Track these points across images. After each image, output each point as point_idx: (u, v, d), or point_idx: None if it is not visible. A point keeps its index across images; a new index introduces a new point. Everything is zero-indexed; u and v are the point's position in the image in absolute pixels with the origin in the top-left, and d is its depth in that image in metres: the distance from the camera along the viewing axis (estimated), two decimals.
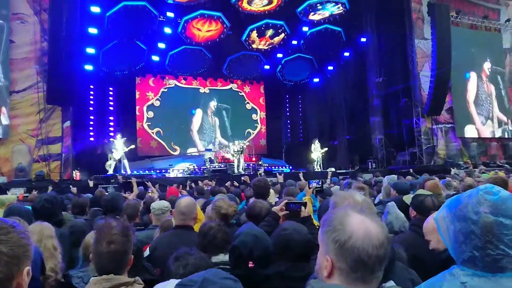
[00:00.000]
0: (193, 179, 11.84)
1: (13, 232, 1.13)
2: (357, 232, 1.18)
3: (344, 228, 1.20)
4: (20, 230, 1.15)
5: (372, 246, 1.16)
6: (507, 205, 1.15)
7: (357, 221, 1.21)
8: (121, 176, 12.43)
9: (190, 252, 1.94)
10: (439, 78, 16.44)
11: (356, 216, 1.23)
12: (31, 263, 1.18)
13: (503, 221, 1.12)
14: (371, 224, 1.21)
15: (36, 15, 13.09)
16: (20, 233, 1.14)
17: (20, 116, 13.02)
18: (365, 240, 1.16)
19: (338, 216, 1.24)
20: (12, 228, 1.13)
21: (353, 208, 1.29)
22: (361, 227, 1.19)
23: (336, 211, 1.28)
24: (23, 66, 13.06)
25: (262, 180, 4.02)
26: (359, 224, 1.20)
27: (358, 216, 1.23)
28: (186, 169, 16.68)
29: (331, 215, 1.26)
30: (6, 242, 1.10)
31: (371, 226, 1.20)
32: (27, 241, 1.16)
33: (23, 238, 1.14)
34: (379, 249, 1.16)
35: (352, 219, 1.21)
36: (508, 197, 1.17)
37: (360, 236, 1.17)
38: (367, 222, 1.21)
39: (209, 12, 15.73)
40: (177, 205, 3.10)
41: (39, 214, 3.34)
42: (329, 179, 8.98)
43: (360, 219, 1.21)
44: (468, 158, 17.47)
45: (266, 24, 16.98)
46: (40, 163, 13.06)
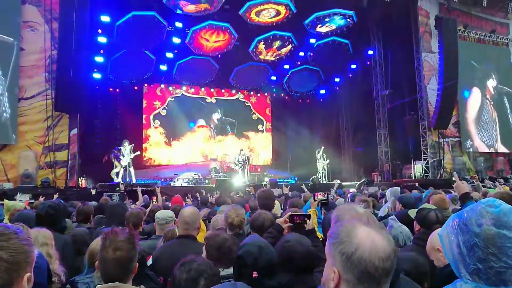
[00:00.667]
0: (197, 189, 11.85)
1: (14, 238, 1.14)
2: (363, 244, 1.18)
3: (351, 240, 1.20)
4: (22, 237, 1.16)
5: (379, 258, 1.16)
6: (509, 218, 1.17)
7: (364, 233, 1.21)
8: (123, 184, 12.47)
9: (195, 258, 1.94)
10: (446, 92, 16.39)
11: (363, 228, 1.23)
12: (31, 269, 1.18)
13: (506, 234, 1.14)
14: (378, 236, 1.21)
15: (47, 24, 13.26)
16: (22, 239, 1.15)
17: (28, 122, 13.12)
18: (371, 252, 1.16)
19: (345, 228, 1.25)
20: (14, 234, 1.14)
21: (360, 220, 1.29)
22: (368, 240, 1.19)
23: (343, 223, 1.29)
24: (32, 73, 13.20)
25: (267, 191, 4.02)
26: (366, 237, 1.20)
27: (365, 228, 1.23)
28: (191, 179, 16.69)
29: (338, 228, 1.27)
30: (7, 248, 1.11)
31: (377, 239, 1.20)
32: (29, 247, 1.17)
33: (25, 244, 1.15)
34: (385, 262, 1.16)
35: (358, 232, 1.22)
36: (509, 210, 1.19)
37: (366, 248, 1.17)
38: (373, 235, 1.21)
39: (217, 23, 15.87)
40: (180, 214, 3.10)
41: (43, 220, 3.35)
42: (334, 191, 8.94)
43: (367, 232, 1.21)
44: (475, 173, 17.34)
45: (273, 35, 17.09)
46: (46, 169, 13.12)
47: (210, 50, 17.13)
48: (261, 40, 17.37)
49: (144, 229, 4.47)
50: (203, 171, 17.70)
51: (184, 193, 10.40)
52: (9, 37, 12.81)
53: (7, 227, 1.17)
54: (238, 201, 6.63)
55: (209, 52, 17.25)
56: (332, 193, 8.61)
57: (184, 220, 3.04)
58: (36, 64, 13.25)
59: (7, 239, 1.12)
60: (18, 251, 1.13)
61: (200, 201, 7.63)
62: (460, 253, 1.21)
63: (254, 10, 15.29)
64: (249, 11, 15.32)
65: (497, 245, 1.14)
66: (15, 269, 1.11)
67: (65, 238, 3.47)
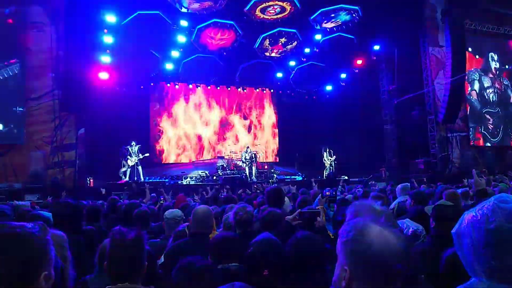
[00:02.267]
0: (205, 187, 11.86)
1: (32, 236, 1.15)
2: (376, 242, 1.16)
3: (363, 238, 1.18)
4: (39, 236, 1.17)
5: (391, 256, 1.15)
6: None
7: (376, 231, 1.19)
8: (134, 183, 12.55)
9: (194, 260, 1.92)
10: (454, 86, 16.24)
11: (374, 227, 1.21)
12: (51, 268, 1.19)
13: None
14: (390, 234, 1.19)
15: (53, 24, 13.33)
16: (39, 238, 1.16)
17: (36, 123, 13.21)
18: (384, 250, 1.15)
19: (357, 226, 1.23)
20: (31, 233, 1.15)
21: (373, 218, 1.28)
22: (380, 238, 1.17)
23: (355, 221, 1.27)
24: (39, 73, 13.28)
25: (276, 188, 4.00)
26: (378, 235, 1.18)
27: (377, 227, 1.21)
28: (198, 177, 16.73)
29: (350, 226, 1.25)
30: (24, 246, 1.12)
31: (390, 237, 1.18)
32: (46, 246, 1.18)
33: (43, 243, 1.16)
34: (398, 260, 1.15)
35: (371, 230, 1.20)
36: None
37: (379, 246, 1.15)
38: (386, 233, 1.19)
39: (222, 21, 15.84)
40: (194, 213, 3.11)
41: (60, 220, 3.36)
42: (341, 187, 8.90)
43: (379, 230, 1.20)
44: (484, 167, 17.19)
45: (278, 32, 17.02)
46: (54, 169, 13.22)
47: (216, 48, 17.12)
48: (267, 37, 17.31)
49: (152, 227, 4.48)
50: (211, 169, 17.74)
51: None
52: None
53: (25, 226, 1.17)
54: (246, 199, 6.65)
55: (215, 50, 17.23)
56: (339, 189, 8.57)
57: (198, 219, 3.05)
58: (43, 64, 13.33)
59: (23, 239, 1.13)
60: (35, 249, 1.14)
61: (208, 199, 7.63)
62: (473, 251, 1.18)
63: (259, 7, 15.24)
64: (254, 8, 15.27)
65: (511, 242, 1.11)
66: (32, 267, 1.13)
67: (78, 238, 3.48)
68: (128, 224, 4.01)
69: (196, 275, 1.83)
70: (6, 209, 4.55)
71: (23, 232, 1.14)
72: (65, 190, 10.76)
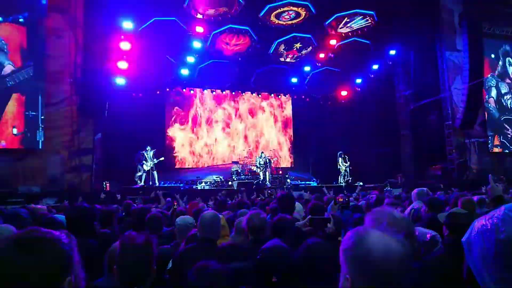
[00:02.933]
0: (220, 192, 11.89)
1: (60, 242, 1.20)
2: (375, 249, 1.15)
3: (362, 246, 1.17)
4: (65, 242, 1.22)
5: (392, 264, 1.13)
6: None
7: (376, 238, 1.18)
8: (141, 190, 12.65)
9: (209, 263, 1.93)
10: (472, 91, 15.99)
11: (375, 233, 1.20)
12: (74, 274, 1.25)
13: None
14: (391, 241, 1.18)
15: (71, 30, 13.58)
16: (65, 245, 1.21)
17: (55, 128, 13.43)
18: (384, 258, 1.13)
19: (357, 233, 1.22)
20: (60, 239, 1.21)
21: (392, 226, 1.26)
22: (380, 245, 1.16)
23: (356, 228, 1.26)
24: (58, 79, 13.53)
25: (287, 194, 3.99)
26: (378, 242, 1.17)
27: (378, 233, 1.20)
28: (213, 182, 16.78)
29: (351, 234, 1.24)
30: (54, 251, 1.18)
31: (391, 244, 1.16)
32: (72, 253, 1.23)
33: (69, 250, 1.22)
34: (399, 267, 1.13)
35: (370, 237, 1.19)
36: None
37: (379, 254, 1.14)
38: (387, 240, 1.18)
39: (237, 27, 15.93)
40: (201, 219, 3.12)
41: (73, 224, 3.41)
42: (356, 194, 8.82)
43: (379, 236, 1.18)
44: (502, 174, 16.84)
45: (293, 37, 17.03)
46: (72, 174, 13.41)
47: (231, 53, 17.22)
48: (281, 42, 17.34)
49: (165, 232, 4.50)
50: (225, 174, 17.78)
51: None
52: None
53: (53, 232, 1.23)
54: (259, 204, 6.64)
55: (230, 55, 17.33)
56: (354, 196, 8.49)
57: (204, 224, 3.06)
58: (61, 70, 13.58)
59: (52, 244, 1.19)
60: (60, 256, 1.19)
61: (220, 204, 7.63)
62: (483, 261, 1.15)
63: (273, 13, 15.29)
64: (269, 14, 15.32)
65: None
66: (60, 271, 1.18)
67: (91, 242, 3.52)
68: (141, 228, 4.05)
69: (212, 277, 1.84)
70: (24, 213, 4.61)
71: (53, 237, 1.20)
72: (82, 194, 10.92)
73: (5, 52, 12.84)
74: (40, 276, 1.13)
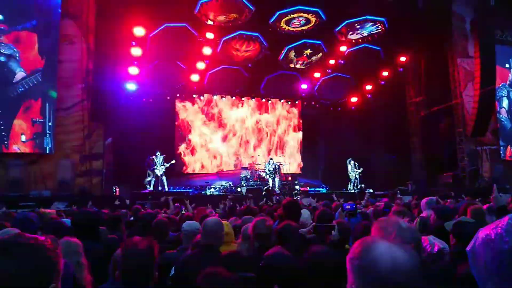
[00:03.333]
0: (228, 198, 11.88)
1: (44, 248, 1.19)
2: (382, 259, 1.13)
3: (368, 255, 1.16)
4: (50, 248, 1.21)
5: (399, 274, 1.11)
6: None
7: (383, 248, 1.16)
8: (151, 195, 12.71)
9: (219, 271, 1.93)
10: (483, 98, 15.82)
11: (382, 243, 1.18)
12: (58, 280, 1.23)
13: None
14: (399, 252, 1.16)
15: (83, 36, 13.77)
16: (49, 250, 1.20)
17: (66, 132, 13.60)
18: (391, 269, 1.12)
19: (364, 243, 1.21)
20: (42, 245, 1.20)
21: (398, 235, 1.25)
22: (387, 254, 1.14)
23: (364, 238, 1.25)
24: (70, 84, 13.71)
25: (293, 201, 3.97)
26: (384, 251, 1.15)
27: (385, 243, 1.18)
28: (222, 187, 16.79)
29: (358, 243, 1.23)
30: (35, 259, 1.16)
31: (398, 254, 1.15)
32: (56, 259, 1.22)
33: (54, 256, 1.20)
34: (406, 278, 1.12)
35: (377, 246, 1.17)
36: None
37: (385, 264, 1.12)
38: (394, 249, 1.16)
39: (248, 33, 16.00)
40: (203, 225, 3.12)
41: (78, 228, 3.44)
42: (366, 201, 8.75)
43: (386, 246, 1.17)
44: None
45: (303, 43, 17.06)
46: (82, 178, 13.53)
47: (241, 59, 17.29)
48: (292, 49, 17.37)
49: (171, 238, 4.51)
50: (234, 180, 17.78)
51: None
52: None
53: (38, 238, 1.22)
54: (266, 210, 6.62)
55: (240, 61, 17.40)
56: (364, 203, 8.43)
57: (207, 231, 3.06)
58: (73, 75, 13.76)
59: (35, 250, 1.18)
60: (44, 263, 1.18)
61: (229, 210, 7.63)
62: (487, 271, 1.13)
63: (284, 19, 15.33)
64: (279, 20, 15.37)
65: None
66: (43, 278, 1.17)
67: (97, 246, 3.54)
68: (148, 233, 4.07)
69: (220, 284, 1.84)
70: (33, 217, 4.66)
71: (36, 243, 1.19)
72: (92, 199, 10.99)
73: (17, 60, 13.04)
74: (21, 282, 1.12)
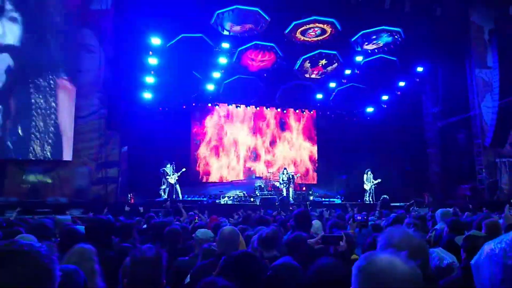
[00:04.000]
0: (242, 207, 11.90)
1: (38, 255, 1.19)
2: (384, 272, 1.14)
3: (371, 268, 1.16)
4: (45, 255, 1.21)
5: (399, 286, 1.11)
6: None
7: (385, 261, 1.17)
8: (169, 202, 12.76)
9: (216, 280, 1.94)
10: (502, 109, 15.54)
11: (385, 256, 1.19)
12: (55, 287, 1.23)
13: None
14: (400, 264, 1.16)
15: (101, 46, 14.04)
16: (44, 257, 1.20)
17: (83, 140, 13.81)
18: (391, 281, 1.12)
19: (367, 255, 1.22)
20: (38, 252, 1.20)
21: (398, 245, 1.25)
22: (389, 268, 1.15)
23: (369, 251, 1.26)
24: (88, 93, 13.95)
25: (303, 211, 3.96)
26: (387, 265, 1.15)
27: (388, 256, 1.19)
28: (236, 196, 16.80)
29: (362, 255, 1.24)
30: (31, 264, 1.17)
31: (399, 267, 1.15)
32: (52, 266, 1.21)
33: (48, 263, 1.20)
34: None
35: (379, 259, 1.18)
36: None
37: (385, 276, 1.13)
38: (396, 263, 1.16)
39: (263, 43, 16.11)
40: (220, 234, 3.14)
41: (91, 235, 3.49)
42: (378, 212, 8.63)
43: (388, 260, 1.17)
44: None
45: (319, 53, 17.07)
46: (98, 185, 13.71)
47: (256, 69, 17.39)
48: (307, 59, 17.39)
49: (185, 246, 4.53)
50: (248, 189, 17.78)
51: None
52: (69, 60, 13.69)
53: (33, 244, 1.22)
54: (279, 221, 6.60)
55: (255, 71, 17.50)
56: (376, 214, 8.32)
57: (223, 239, 3.08)
58: (91, 84, 14.01)
59: (30, 257, 1.18)
60: (41, 268, 1.18)
61: (243, 219, 7.63)
62: (490, 285, 1.13)
63: (299, 30, 15.40)
64: (294, 31, 15.45)
65: None
66: (37, 285, 1.16)
67: (109, 254, 3.58)
68: (159, 241, 4.10)
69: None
70: (49, 223, 4.75)
71: (30, 250, 1.19)
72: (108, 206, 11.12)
73: None
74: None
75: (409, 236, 1.85)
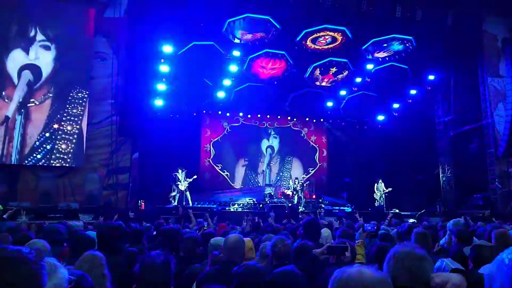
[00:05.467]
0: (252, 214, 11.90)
1: (27, 261, 1.21)
2: (351, 279, 1.24)
3: (341, 277, 1.28)
4: (33, 261, 1.22)
5: None
6: None
7: (354, 271, 1.28)
8: (181, 207, 12.83)
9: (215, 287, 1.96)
10: None
11: (355, 268, 1.30)
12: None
13: None
14: (369, 273, 1.26)
15: (114, 54, 14.24)
16: (32, 263, 1.22)
17: (95, 146, 13.99)
18: None
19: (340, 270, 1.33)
20: (27, 258, 1.21)
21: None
22: (357, 276, 1.25)
23: None
24: (100, 100, 14.15)
25: (312, 220, 3.96)
26: (354, 274, 1.26)
27: (357, 268, 1.30)
28: (246, 204, 16.79)
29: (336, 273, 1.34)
30: (19, 270, 1.19)
31: (367, 274, 1.25)
32: (40, 272, 1.23)
33: (36, 269, 1.22)
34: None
35: (349, 270, 1.29)
36: None
37: (353, 282, 1.23)
38: (364, 272, 1.26)
39: (274, 51, 16.17)
40: (225, 241, 3.16)
41: (102, 241, 3.54)
42: (388, 221, 8.56)
43: (357, 270, 1.28)
44: None
45: (329, 61, 17.05)
46: (109, 191, 13.83)
47: (267, 77, 17.44)
48: (317, 67, 17.39)
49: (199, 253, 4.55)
50: (258, 197, 17.77)
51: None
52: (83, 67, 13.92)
53: (21, 250, 1.24)
54: (289, 228, 6.59)
55: (266, 79, 17.56)
56: (386, 223, 8.26)
57: (228, 247, 3.09)
58: (103, 91, 14.20)
59: (18, 263, 1.19)
60: (28, 274, 1.19)
61: (252, 227, 7.64)
62: None
63: (310, 38, 15.43)
64: (305, 39, 15.47)
65: None
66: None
67: (118, 259, 3.62)
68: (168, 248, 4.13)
69: None
70: (61, 228, 4.82)
71: (19, 256, 1.21)
72: (118, 212, 11.20)
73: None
74: None
75: (415, 253, 1.86)
